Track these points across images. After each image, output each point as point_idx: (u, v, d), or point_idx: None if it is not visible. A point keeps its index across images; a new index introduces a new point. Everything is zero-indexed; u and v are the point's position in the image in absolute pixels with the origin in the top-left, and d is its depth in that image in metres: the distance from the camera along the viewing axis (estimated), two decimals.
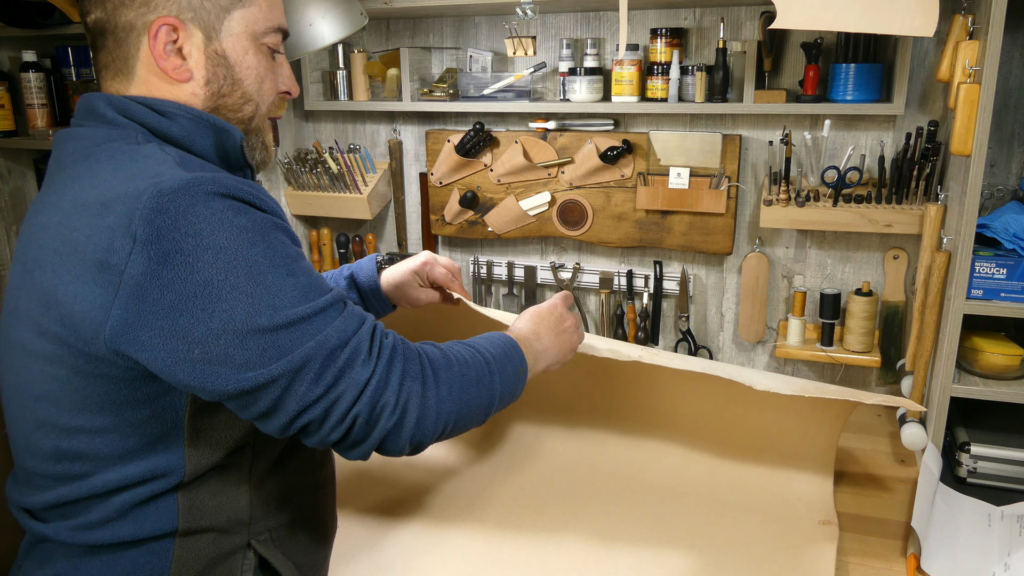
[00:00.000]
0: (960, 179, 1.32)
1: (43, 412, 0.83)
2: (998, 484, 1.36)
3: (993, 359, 1.33)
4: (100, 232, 0.75)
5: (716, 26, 1.70)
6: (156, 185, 0.74)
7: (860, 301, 1.65)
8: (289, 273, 0.79)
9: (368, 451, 0.83)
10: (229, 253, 0.75)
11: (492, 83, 1.82)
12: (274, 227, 0.80)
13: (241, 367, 0.75)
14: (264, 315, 0.75)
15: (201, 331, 0.74)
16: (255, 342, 0.75)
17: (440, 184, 1.99)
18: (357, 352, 0.81)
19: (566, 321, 1.11)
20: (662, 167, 1.78)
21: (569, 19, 1.83)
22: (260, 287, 0.76)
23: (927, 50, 1.58)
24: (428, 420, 0.84)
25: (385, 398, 0.81)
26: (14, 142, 2.28)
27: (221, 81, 0.89)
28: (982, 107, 1.19)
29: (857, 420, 1.69)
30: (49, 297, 0.78)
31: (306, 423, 0.79)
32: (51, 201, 0.82)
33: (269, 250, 0.78)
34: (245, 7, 0.89)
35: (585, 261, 1.97)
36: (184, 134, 0.86)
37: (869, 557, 1.23)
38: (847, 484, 1.44)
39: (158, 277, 0.73)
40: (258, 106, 0.93)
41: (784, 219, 1.62)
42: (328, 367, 0.78)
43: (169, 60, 0.86)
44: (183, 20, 0.86)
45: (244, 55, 0.90)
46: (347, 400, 0.79)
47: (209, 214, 0.75)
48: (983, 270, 1.27)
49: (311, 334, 0.78)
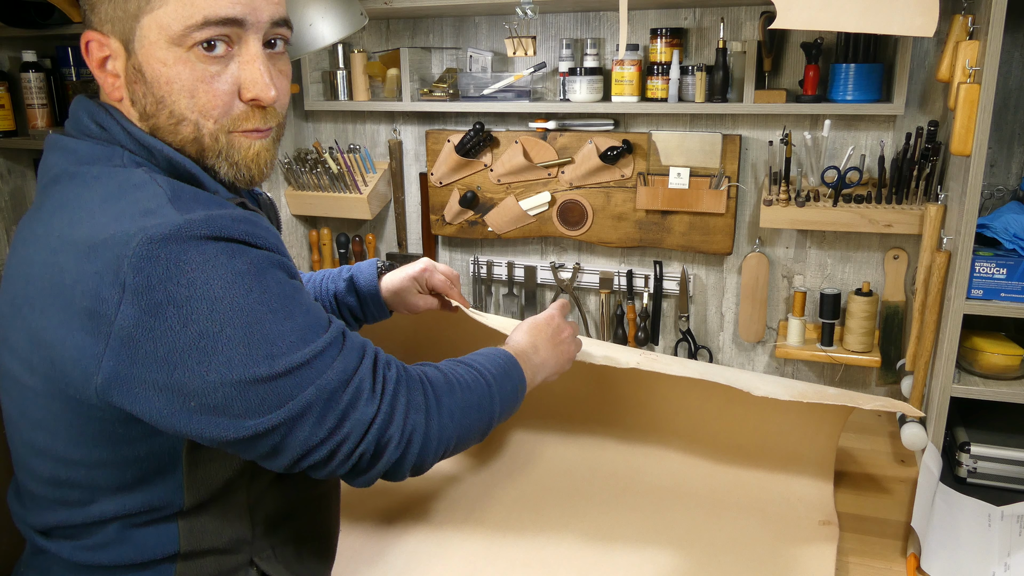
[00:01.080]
0: (960, 179, 1.32)
1: (40, 440, 0.81)
2: (998, 484, 1.36)
3: (993, 359, 1.33)
4: (88, 277, 0.70)
5: (716, 26, 1.70)
6: (145, 230, 0.69)
7: (860, 301, 1.65)
8: (287, 316, 0.75)
9: (372, 480, 0.84)
10: (224, 303, 0.71)
11: (492, 83, 1.82)
12: (270, 265, 0.76)
13: (240, 416, 0.73)
14: (263, 365, 0.72)
15: (198, 384, 0.71)
16: (254, 392, 0.72)
17: (440, 184, 1.99)
18: (360, 391, 0.79)
19: (563, 332, 1.10)
20: (662, 167, 1.78)
21: (569, 19, 1.83)
22: (257, 336, 0.72)
23: (927, 50, 1.58)
24: (430, 447, 0.85)
25: (390, 432, 0.81)
26: (14, 142, 2.28)
27: (143, 101, 0.79)
28: (982, 107, 1.19)
29: (857, 420, 1.69)
30: (38, 338, 0.74)
31: (312, 463, 0.78)
32: (39, 233, 0.76)
33: (265, 295, 0.74)
34: (155, 10, 0.76)
35: (585, 261, 1.97)
36: (164, 165, 0.80)
37: (869, 557, 1.23)
38: (847, 484, 1.44)
39: (150, 329, 0.69)
40: (198, 125, 0.79)
41: (784, 219, 1.62)
42: (330, 410, 0.77)
43: (106, 79, 0.80)
44: (106, 34, 0.78)
45: (161, 67, 0.77)
46: (353, 440, 0.78)
47: (202, 261, 0.70)
48: (983, 270, 1.27)
49: (311, 379, 0.75)
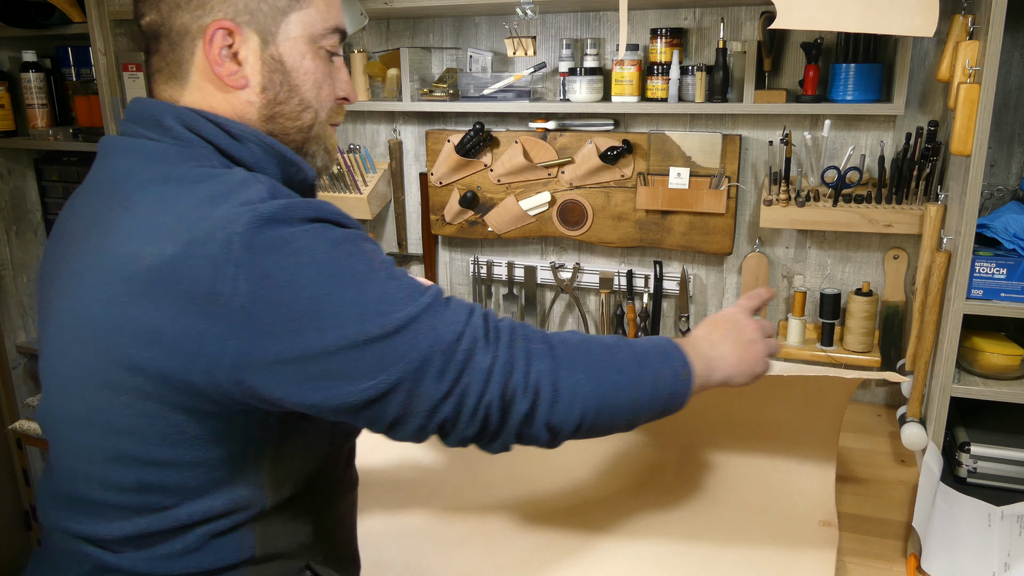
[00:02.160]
0: (960, 179, 1.32)
1: (125, 446, 0.78)
2: (998, 484, 1.36)
3: (993, 359, 1.33)
4: (200, 261, 0.71)
5: (716, 26, 1.70)
6: (253, 209, 0.73)
7: (860, 301, 1.65)
8: (390, 276, 0.78)
9: (508, 441, 0.82)
10: (331, 265, 0.74)
11: (492, 83, 1.82)
12: (363, 239, 0.79)
13: (362, 377, 0.74)
14: (375, 323, 0.74)
15: (317, 349, 0.73)
16: (371, 351, 0.74)
17: (440, 184, 1.99)
18: (475, 340, 0.79)
19: (747, 328, 1.00)
20: (662, 167, 1.78)
21: (569, 19, 1.83)
22: (366, 294, 0.74)
23: (927, 50, 1.58)
24: (562, 402, 0.82)
25: (514, 381, 0.79)
26: (14, 142, 2.28)
27: (277, 88, 0.85)
28: (982, 107, 1.19)
29: (857, 420, 1.69)
30: (148, 332, 0.73)
31: (441, 421, 0.78)
32: (131, 226, 0.76)
33: (367, 258, 0.77)
34: (303, 8, 0.85)
35: (585, 261, 1.97)
36: (253, 160, 0.83)
37: (869, 557, 1.23)
38: (847, 484, 1.44)
39: (267, 301, 0.71)
40: (317, 113, 0.89)
41: (784, 219, 1.62)
42: (449, 361, 0.77)
43: (225, 66, 0.83)
44: (239, 24, 0.82)
45: (301, 59, 0.85)
46: (475, 391, 0.78)
47: (304, 232, 0.74)
48: (983, 270, 1.27)
49: (424, 332, 0.76)
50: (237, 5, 0.82)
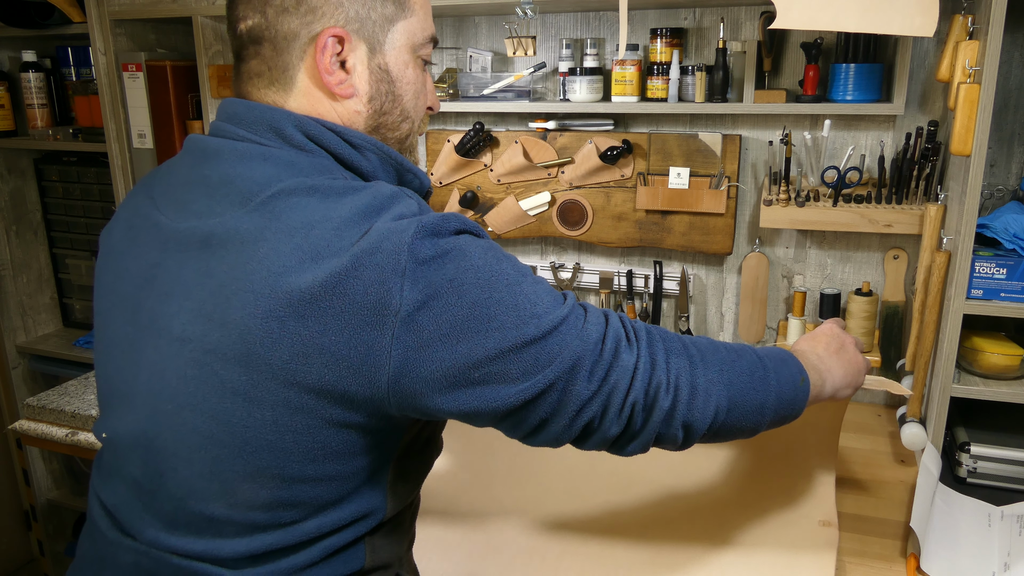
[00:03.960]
0: (960, 179, 1.32)
1: (263, 462, 0.76)
2: (998, 484, 1.36)
3: (993, 359, 1.33)
4: (370, 272, 0.70)
5: (716, 26, 1.70)
6: (417, 221, 0.73)
7: (860, 301, 1.65)
8: (536, 282, 0.80)
9: (647, 441, 0.83)
10: (486, 271, 0.75)
11: (492, 83, 1.82)
12: (501, 248, 0.82)
13: (519, 379, 0.75)
14: (531, 325, 0.75)
15: (479, 354, 0.73)
16: (528, 353, 0.75)
17: (440, 184, 1.99)
18: (618, 340, 0.80)
19: (847, 342, 1.06)
20: (662, 167, 1.78)
21: (569, 19, 1.83)
22: (520, 297, 0.76)
23: (927, 50, 1.58)
24: (699, 399, 0.83)
25: (657, 378, 0.81)
26: (14, 142, 2.28)
27: (383, 98, 0.85)
28: (982, 107, 1.19)
29: (857, 420, 1.69)
30: (311, 347, 0.71)
31: (586, 422, 0.79)
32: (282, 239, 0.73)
33: (512, 263, 0.79)
34: (407, 18, 0.85)
35: (585, 261, 1.97)
36: (371, 170, 0.83)
37: (869, 557, 1.23)
38: (847, 484, 1.44)
39: (431, 309, 0.72)
40: (414, 123, 0.89)
41: (784, 219, 1.62)
42: (598, 361, 0.78)
43: (335, 74, 0.82)
44: (349, 32, 0.81)
45: (405, 69, 0.86)
46: (622, 389, 0.79)
47: (458, 242, 0.75)
48: (983, 270, 1.27)
49: (574, 334, 0.78)
50: (348, 13, 0.81)
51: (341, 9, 0.81)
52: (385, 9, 0.83)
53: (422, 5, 0.88)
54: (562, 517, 1.32)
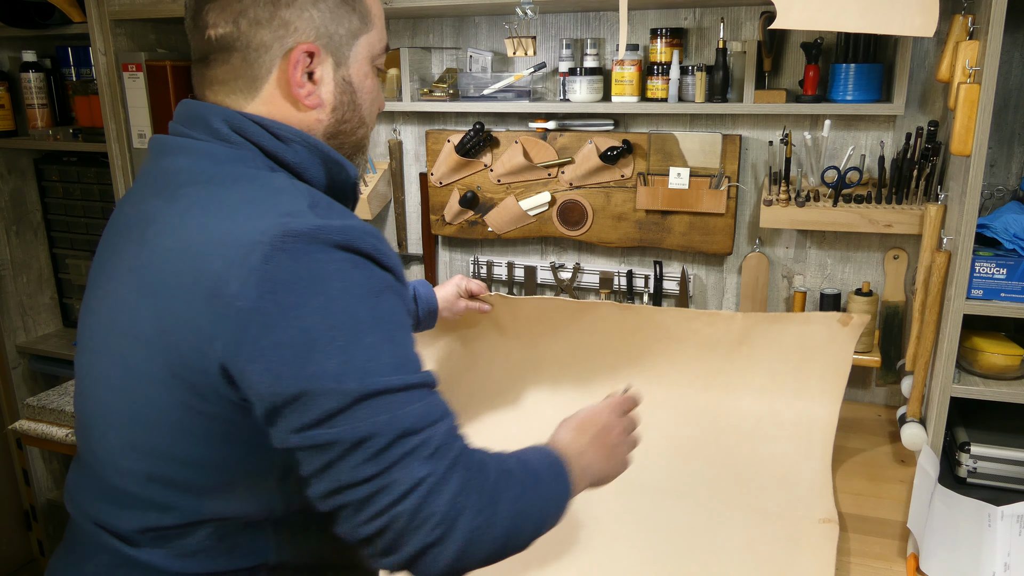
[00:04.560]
0: (960, 179, 1.32)
1: (139, 436, 0.81)
2: (998, 484, 1.36)
3: (993, 359, 1.33)
4: (220, 263, 0.73)
5: (716, 26, 1.70)
6: (285, 225, 0.73)
7: (860, 301, 1.65)
8: (389, 339, 0.76)
9: (397, 564, 0.74)
10: (337, 305, 0.73)
11: (492, 83, 1.82)
12: (388, 289, 0.78)
13: (312, 423, 0.72)
14: (355, 379, 0.72)
15: (290, 375, 0.72)
16: (335, 400, 0.72)
17: (440, 184, 1.99)
18: (426, 443, 0.74)
19: (612, 431, 1.00)
20: (662, 167, 1.78)
21: (569, 19, 1.83)
22: (358, 346, 0.73)
23: (927, 50, 1.58)
24: (477, 546, 0.75)
25: (434, 507, 0.73)
26: (14, 142, 2.28)
27: (345, 108, 0.89)
28: (982, 107, 1.19)
29: (857, 420, 1.70)
30: (165, 324, 0.76)
31: (343, 503, 0.73)
32: (175, 224, 0.79)
33: (376, 311, 0.76)
34: (368, 32, 0.89)
35: (585, 261, 1.97)
36: (297, 161, 0.84)
37: (869, 557, 1.23)
38: (847, 484, 1.44)
39: (265, 313, 0.72)
40: (368, 128, 0.94)
41: (784, 219, 1.62)
42: (391, 449, 0.73)
43: (304, 87, 0.85)
44: (319, 46, 0.85)
45: (364, 80, 0.90)
46: (395, 493, 0.72)
47: (328, 262, 0.74)
48: (983, 270, 1.27)
49: (389, 408, 0.73)
50: (319, 28, 0.84)
51: (312, 25, 0.84)
52: (351, 24, 0.87)
53: (379, 16, 0.91)
54: None
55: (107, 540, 0.85)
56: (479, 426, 1.62)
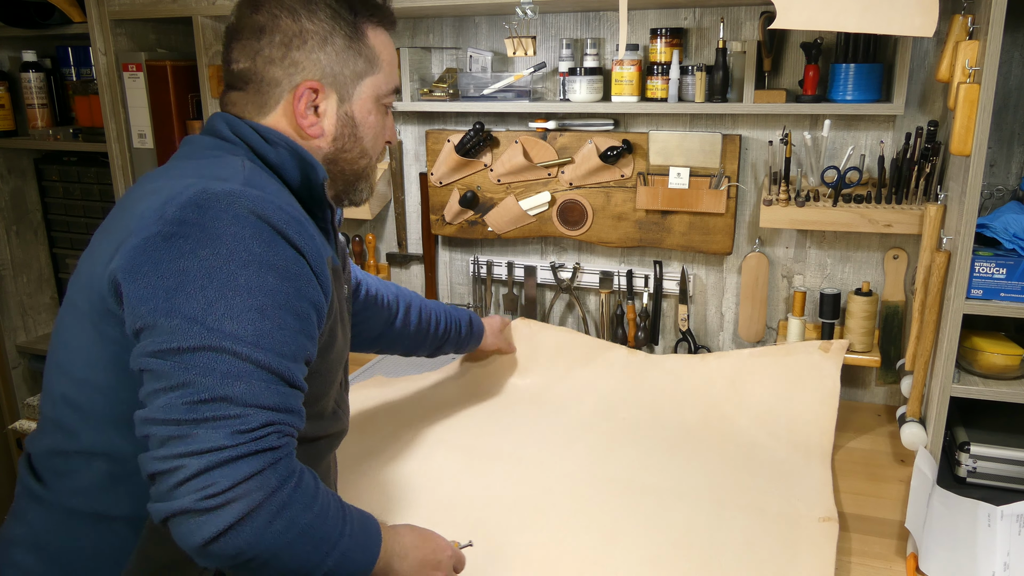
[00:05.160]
0: (960, 179, 1.32)
1: (62, 357, 0.91)
2: (998, 484, 1.36)
3: (993, 359, 1.33)
4: (143, 209, 0.83)
5: (716, 26, 1.70)
6: (207, 184, 0.83)
7: (860, 301, 1.65)
8: (260, 312, 0.79)
9: (164, 514, 0.74)
10: (221, 260, 0.79)
11: (492, 83, 1.82)
12: (286, 271, 0.83)
13: (154, 351, 0.77)
14: (205, 328, 0.77)
15: (153, 305, 0.78)
16: (179, 339, 0.76)
17: (440, 184, 1.99)
18: (241, 420, 0.75)
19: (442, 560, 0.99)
20: (662, 167, 1.78)
21: (569, 19, 1.83)
22: (223, 304, 0.78)
23: (927, 50, 1.58)
24: (241, 539, 0.73)
25: (217, 477, 0.73)
26: (14, 142, 2.28)
27: (346, 139, 1.01)
28: (982, 107, 1.19)
29: (857, 420, 1.70)
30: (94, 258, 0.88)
31: (148, 433, 0.76)
32: (138, 188, 0.93)
33: (257, 281, 0.80)
34: (375, 73, 1.01)
35: (585, 261, 1.97)
36: (279, 161, 0.95)
37: (869, 557, 1.23)
38: (847, 484, 1.44)
39: (154, 249, 0.80)
40: (371, 159, 1.05)
41: (784, 219, 1.62)
42: (205, 406, 0.75)
43: (307, 118, 0.97)
44: (324, 84, 0.97)
45: (368, 116, 1.01)
46: (191, 446, 0.73)
47: (232, 223, 0.81)
48: (983, 270, 1.27)
49: (223, 371, 0.76)
50: (324, 68, 0.97)
51: (319, 65, 0.96)
52: (356, 66, 0.99)
53: (389, 62, 1.03)
54: (562, 519, 1.32)
55: (25, 478, 0.95)
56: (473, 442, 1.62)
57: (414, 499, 1.38)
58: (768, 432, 1.56)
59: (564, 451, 1.53)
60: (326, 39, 0.96)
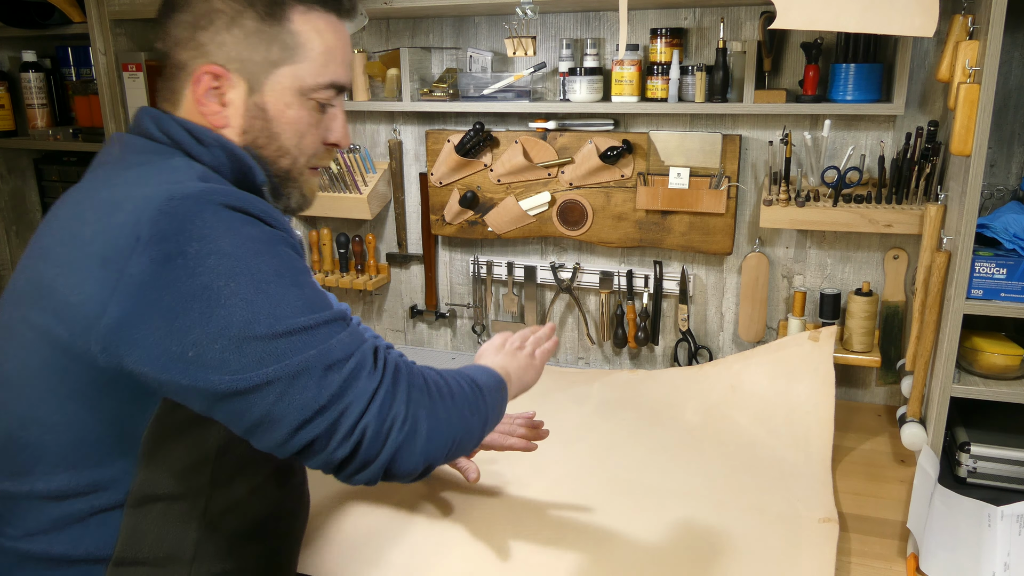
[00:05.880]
0: (960, 179, 1.32)
1: (4, 395, 0.84)
2: (998, 484, 1.36)
3: (993, 359, 1.33)
4: (107, 229, 0.76)
5: (716, 26, 1.70)
6: (168, 190, 0.77)
7: (860, 301, 1.65)
8: (294, 284, 0.79)
9: (377, 473, 0.80)
10: (233, 259, 0.75)
11: (492, 83, 1.82)
12: (282, 241, 0.81)
13: (235, 371, 0.74)
14: (263, 323, 0.75)
15: (197, 334, 0.74)
16: (252, 348, 0.74)
17: (440, 184, 1.99)
18: (362, 364, 0.79)
19: (506, 343, 1.16)
20: (662, 167, 1.78)
21: (569, 19, 1.83)
22: (262, 295, 0.76)
23: (927, 50, 1.58)
24: (438, 436, 0.83)
25: (395, 410, 0.80)
26: (14, 142, 2.28)
27: (257, 133, 0.91)
28: (982, 107, 1.19)
29: (857, 420, 1.69)
30: (45, 286, 0.79)
31: (311, 439, 0.76)
32: (72, 198, 0.85)
33: (275, 260, 0.78)
34: (296, 63, 0.90)
35: (585, 261, 1.97)
36: (216, 163, 0.88)
37: (869, 557, 1.23)
38: (847, 484, 1.44)
39: (158, 277, 0.74)
40: (295, 159, 0.94)
41: (784, 219, 1.62)
42: (332, 376, 0.77)
43: (208, 105, 0.89)
44: (229, 70, 0.89)
45: (285, 110, 0.91)
46: (355, 412, 0.77)
47: (216, 221, 0.76)
48: (983, 270, 1.27)
49: (313, 344, 0.77)
50: (230, 53, 0.88)
51: (224, 49, 0.88)
52: (270, 54, 0.89)
53: (322, 52, 0.92)
54: (563, 520, 1.32)
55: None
56: None
57: (414, 500, 1.38)
58: (768, 430, 1.56)
59: (565, 451, 1.52)
60: (234, 20, 0.87)
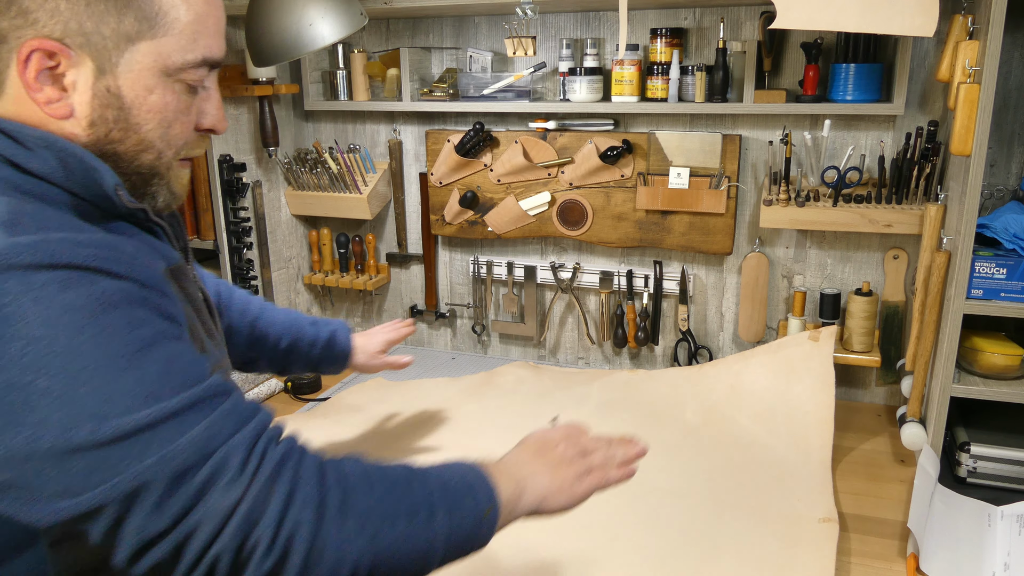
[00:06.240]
0: (960, 179, 1.32)
1: None
2: (998, 484, 1.36)
3: (993, 359, 1.33)
4: None
5: (716, 26, 1.70)
6: None
7: (860, 301, 1.65)
8: (130, 364, 0.62)
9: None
10: (42, 344, 0.59)
11: (492, 83, 1.82)
12: (125, 301, 0.64)
13: (56, 495, 0.59)
14: (85, 427, 0.59)
15: (2, 452, 0.58)
16: (75, 463, 0.59)
17: (440, 184, 1.99)
18: (222, 468, 0.63)
19: (557, 446, 0.90)
20: (662, 167, 1.78)
21: (569, 19, 1.83)
22: (83, 388, 0.59)
23: (927, 50, 1.58)
24: (324, 564, 0.65)
25: (259, 531, 0.63)
26: None
27: (110, 125, 0.73)
28: (982, 107, 1.19)
29: (857, 420, 1.69)
30: None
31: (155, 563, 0.62)
32: None
33: (103, 335, 0.61)
34: (157, 37, 0.72)
35: (585, 261, 1.97)
36: (46, 170, 0.69)
37: (869, 557, 1.23)
38: (847, 484, 1.44)
39: None
40: (161, 153, 0.77)
41: (784, 219, 1.62)
42: (176, 491, 0.61)
43: (43, 92, 0.70)
44: (68, 45, 0.69)
45: (146, 95, 0.73)
46: (204, 536, 0.61)
47: (21, 292, 0.59)
48: (983, 270, 1.27)
49: (154, 448, 0.61)
50: (69, 24, 0.68)
51: (58, 18, 0.68)
52: (122, 25, 0.70)
53: (193, 21, 0.75)
54: (562, 519, 1.32)
55: None
56: None
57: None
58: (768, 430, 1.56)
59: None
60: None
